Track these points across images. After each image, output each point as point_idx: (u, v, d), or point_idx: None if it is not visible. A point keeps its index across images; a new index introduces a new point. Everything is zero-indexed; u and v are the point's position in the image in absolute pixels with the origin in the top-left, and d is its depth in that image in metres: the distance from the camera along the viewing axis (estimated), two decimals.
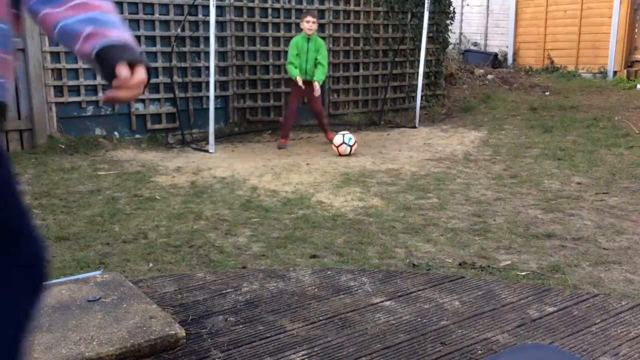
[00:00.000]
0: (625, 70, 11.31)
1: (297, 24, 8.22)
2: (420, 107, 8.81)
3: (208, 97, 7.15)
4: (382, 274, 3.24)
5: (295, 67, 7.29)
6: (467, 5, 13.99)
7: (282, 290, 3.01)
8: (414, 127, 8.52)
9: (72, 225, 4.19)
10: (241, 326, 2.63)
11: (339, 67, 8.68)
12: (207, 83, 7.26)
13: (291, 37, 8.19)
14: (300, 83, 7.21)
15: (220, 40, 7.65)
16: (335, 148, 6.77)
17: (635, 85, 10.42)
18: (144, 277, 3.21)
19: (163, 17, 7.26)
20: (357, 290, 3.03)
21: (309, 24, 7.29)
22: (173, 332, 2.43)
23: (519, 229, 4.14)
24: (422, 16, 8.55)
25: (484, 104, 9.57)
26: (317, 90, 7.27)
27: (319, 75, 7.32)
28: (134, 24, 7.11)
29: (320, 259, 3.59)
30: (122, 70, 1.43)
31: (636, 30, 11.39)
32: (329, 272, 3.26)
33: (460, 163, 6.31)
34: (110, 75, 1.45)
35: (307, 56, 7.37)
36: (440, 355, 2.40)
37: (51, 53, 6.64)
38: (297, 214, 4.49)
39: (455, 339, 2.53)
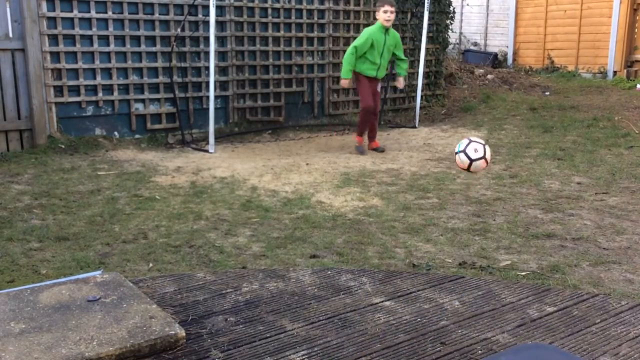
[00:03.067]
0: (625, 70, 11.31)
1: (297, 24, 8.23)
2: (420, 107, 8.81)
3: (208, 97, 7.15)
4: (382, 274, 3.24)
5: (351, 66, 6.68)
6: (467, 5, 13.99)
7: (282, 290, 3.01)
8: (414, 127, 8.52)
9: (72, 225, 4.19)
10: (241, 326, 2.63)
11: (339, 67, 8.67)
12: (207, 83, 7.26)
13: (291, 37, 8.21)
14: (346, 86, 6.91)
15: (220, 40, 7.65)
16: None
17: (635, 85, 10.42)
18: (144, 277, 3.21)
19: (163, 17, 7.26)
20: (357, 290, 3.02)
21: (387, 14, 6.56)
22: (173, 332, 2.43)
23: (519, 229, 4.14)
24: (422, 16, 8.55)
25: (483, 104, 9.57)
26: (401, 83, 7.05)
27: (403, 69, 7.01)
28: (134, 24, 7.11)
29: (320, 259, 3.59)
30: None
31: (636, 30, 11.38)
32: (329, 272, 3.26)
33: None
34: None
35: (383, 50, 6.68)
36: (440, 355, 2.40)
37: (51, 53, 6.64)
38: (297, 214, 4.49)
39: (455, 339, 2.53)
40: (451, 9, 9.76)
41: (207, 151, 6.90)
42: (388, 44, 6.70)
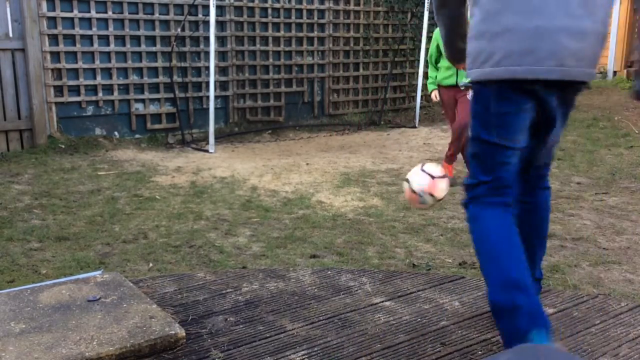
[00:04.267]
0: (625, 70, 11.31)
1: (297, 24, 8.23)
2: (420, 107, 8.81)
3: (208, 97, 7.15)
4: (382, 274, 3.24)
5: (433, 77, 5.75)
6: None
7: (282, 290, 3.01)
8: (414, 127, 8.52)
9: (72, 225, 4.19)
10: (241, 326, 2.63)
11: (339, 67, 8.68)
12: (207, 83, 7.26)
13: (291, 37, 8.21)
14: (435, 98, 5.81)
15: (220, 40, 7.65)
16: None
17: None
18: (144, 277, 3.21)
19: (163, 17, 7.26)
20: (357, 290, 3.03)
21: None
22: (173, 332, 2.43)
23: None
24: (422, 16, 8.55)
25: None
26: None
27: None
28: (134, 23, 7.11)
29: (320, 258, 3.59)
30: None
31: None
32: (329, 272, 3.26)
33: (460, 163, 6.31)
34: None
35: None
36: (440, 356, 2.40)
37: (51, 53, 6.64)
38: (297, 214, 4.49)
39: (455, 340, 2.53)
40: None
41: (207, 151, 6.90)
42: None
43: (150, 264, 3.50)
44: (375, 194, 5.09)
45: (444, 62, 5.62)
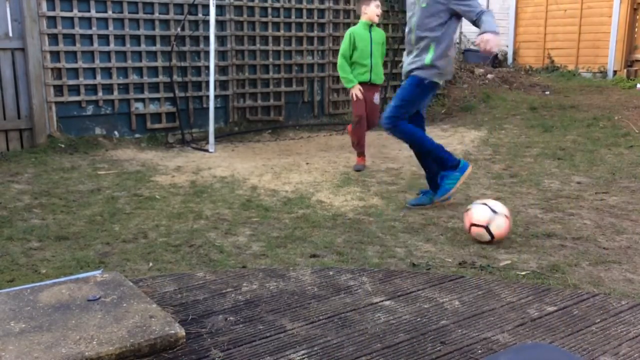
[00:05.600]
0: (625, 70, 11.30)
1: (297, 24, 8.23)
2: None
3: (208, 97, 7.15)
4: (382, 274, 3.24)
5: (350, 72, 5.90)
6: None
7: (282, 290, 3.01)
8: None
9: (72, 225, 4.19)
10: (241, 325, 2.63)
11: None
12: (207, 82, 7.26)
13: (291, 37, 8.20)
14: (359, 95, 5.93)
15: (220, 40, 7.65)
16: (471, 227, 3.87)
17: (635, 85, 10.41)
18: (144, 277, 3.21)
19: (163, 17, 7.26)
20: (357, 289, 3.02)
21: (379, 8, 5.86)
22: (173, 331, 2.43)
23: (519, 229, 4.14)
24: None
25: (483, 103, 9.57)
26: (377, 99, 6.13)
27: (381, 75, 6.13)
28: (134, 23, 7.11)
29: (320, 258, 3.59)
30: None
31: (636, 29, 11.38)
32: (329, 272, 3.26)
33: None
34: None
35: (371, 49, 5.83)
36: (440, 355, 2.40)
37: (51, 53, 6.64)
38: (297, 214, 4.49)
39: (455, 339, 2.53)
40: None
41: (207, 151, 6.90)
42: (375, 41, 5.91)
43: (150, 264, 3.50)
44: (375, 193, 5.08)
45: (359, 59, 5.86)
